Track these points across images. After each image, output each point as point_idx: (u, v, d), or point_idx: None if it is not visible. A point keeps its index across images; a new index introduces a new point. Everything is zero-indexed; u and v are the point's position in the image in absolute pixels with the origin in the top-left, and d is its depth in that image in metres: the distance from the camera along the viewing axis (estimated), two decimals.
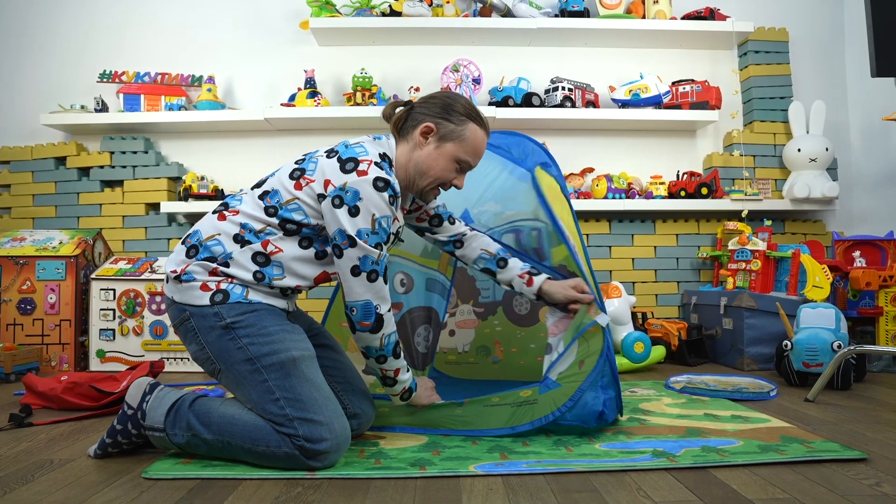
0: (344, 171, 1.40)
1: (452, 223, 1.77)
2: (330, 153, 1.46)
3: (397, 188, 1.42)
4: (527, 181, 1.87)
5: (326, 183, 1.41)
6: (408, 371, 1.54)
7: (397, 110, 1.57)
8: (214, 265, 1.42)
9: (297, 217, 1.43)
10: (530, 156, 1.92)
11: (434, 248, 1.91)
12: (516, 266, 1.75)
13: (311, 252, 1.46)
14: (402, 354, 1.51)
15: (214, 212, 1.50)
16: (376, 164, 1.41)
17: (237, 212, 1.46)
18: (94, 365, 2.64)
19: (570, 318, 1.69)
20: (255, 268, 1.43)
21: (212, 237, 1.45)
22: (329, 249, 1.46)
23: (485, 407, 1.60)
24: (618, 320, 2.56)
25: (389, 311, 1.46)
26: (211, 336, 1.40)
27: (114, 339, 2.64)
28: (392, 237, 1.47)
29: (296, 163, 1.50)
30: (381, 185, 1.38)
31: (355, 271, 1.39)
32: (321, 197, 1.41)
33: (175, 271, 1.44)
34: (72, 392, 1.88)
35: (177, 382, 2.30)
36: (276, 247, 1.44)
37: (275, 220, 1.44)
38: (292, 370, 1.37)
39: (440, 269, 2.08)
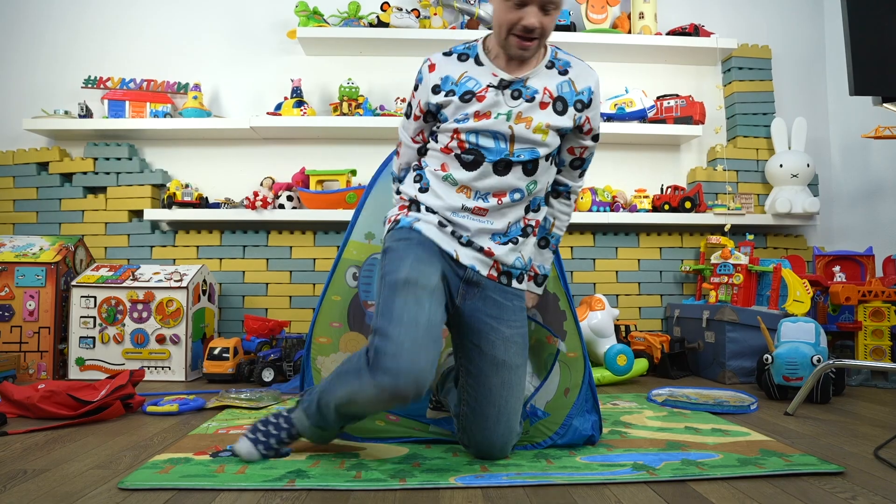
0: None
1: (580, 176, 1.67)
2: None
3: (452, 51, 1.55)
4: None
5: None
6: None
7: None
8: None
9: None
10: None
11: None
12: (544, 257, 1.65)
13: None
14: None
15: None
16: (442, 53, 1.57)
17: None
18: (74, 373, 2.60)
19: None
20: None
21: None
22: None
23: None
24: (601, 333, 2.57)
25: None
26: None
27: (94, 347, 2.61)
28: (454, 90, 1.51)
29: None
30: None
31: None
32: None
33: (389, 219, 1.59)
34: (49, 401, 1.85)
35: (157, 391, 2.28)
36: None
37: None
38: (402, 289, 1.38)
39: None
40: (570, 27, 3.15)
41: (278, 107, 3.05)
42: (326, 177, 3.02)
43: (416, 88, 1.58)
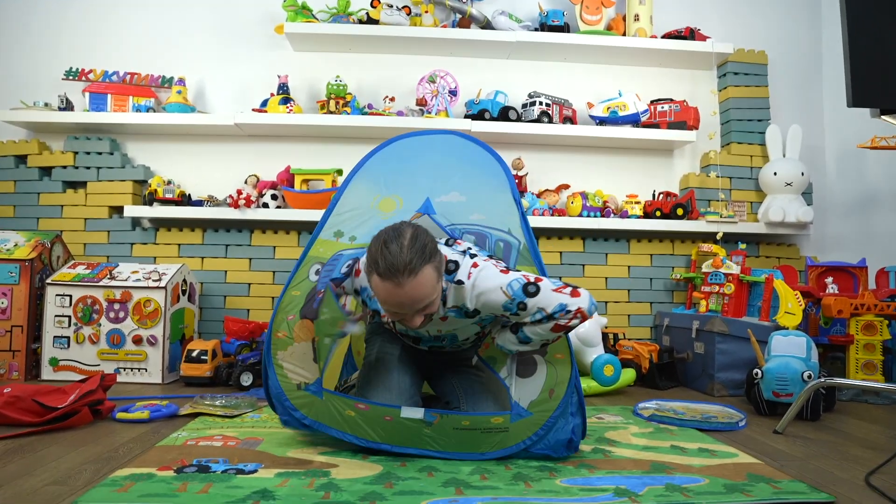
0: None
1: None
2: None
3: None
4: (505, 192, 1.80)
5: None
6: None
7: None
8: None
9: None
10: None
11: (504, 215, 1.81)
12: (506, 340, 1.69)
13: None
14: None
15: None
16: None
17: None
18: (47, 373, 2.53)
19: None
20: None
21: None
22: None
23: (454, 430, 1.56)
24: (588, 342, 2.52)
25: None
26: None
27: (68, 347, 2.54)
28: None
29: None
30: None
31: None
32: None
33: None
34: (13, 406, 1.78)
35: (130, 395, 2.21)
36: None
37: None
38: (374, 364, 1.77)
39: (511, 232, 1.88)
40: (564, 28, 3.09)
41: (264, 103, 2.98)
42: (312, 176, 2.95)
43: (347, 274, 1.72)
